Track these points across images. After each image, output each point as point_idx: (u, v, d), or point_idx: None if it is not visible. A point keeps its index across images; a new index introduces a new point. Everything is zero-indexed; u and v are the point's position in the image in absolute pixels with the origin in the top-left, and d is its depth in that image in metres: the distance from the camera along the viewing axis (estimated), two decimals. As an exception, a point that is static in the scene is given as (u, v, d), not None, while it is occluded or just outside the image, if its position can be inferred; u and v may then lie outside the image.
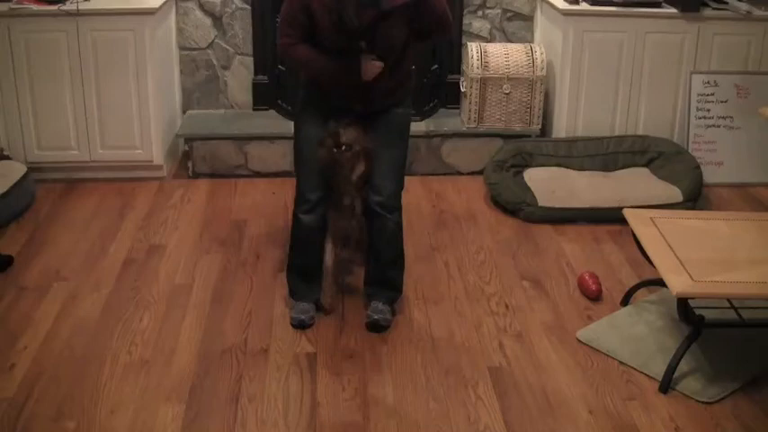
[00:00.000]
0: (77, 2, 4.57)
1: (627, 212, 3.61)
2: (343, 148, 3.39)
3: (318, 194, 3.47)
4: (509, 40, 5.34)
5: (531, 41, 5.34)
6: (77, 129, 4.77)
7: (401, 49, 3.40)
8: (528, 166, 4.83)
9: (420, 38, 3.45)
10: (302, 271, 3.59)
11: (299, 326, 3.50)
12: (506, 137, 5.03)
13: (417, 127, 4.89)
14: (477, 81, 4.97)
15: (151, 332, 3.47)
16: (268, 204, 4.66)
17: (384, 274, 3.57)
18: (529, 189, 4.56)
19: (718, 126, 5.02)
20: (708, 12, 4.92)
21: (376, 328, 3.48)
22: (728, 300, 3.30)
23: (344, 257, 3.72)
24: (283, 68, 5.08)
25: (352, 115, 3.48)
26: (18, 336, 3.42)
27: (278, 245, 4.11)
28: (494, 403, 3.08)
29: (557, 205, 4.49)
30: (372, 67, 3.34)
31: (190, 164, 5.01)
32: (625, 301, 3.71)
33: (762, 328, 3.38)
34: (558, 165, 4.86)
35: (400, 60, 3.44)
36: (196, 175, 5.00)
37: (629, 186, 4.65)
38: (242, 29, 5.20)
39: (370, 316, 3.50)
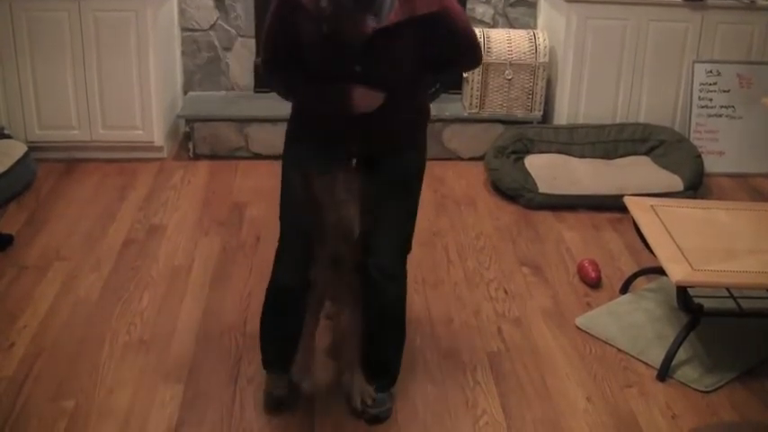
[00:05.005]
0: (80, -19, 4.56)
1: (627, 200, 3.62)
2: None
3: (301, 251, 2.83)
4: (512, 26, 5.32)
5: (534, 27, 5.33)
6: (78, 108, 4.76)
7: (408, 78, 2.72)
8: (529, 152, 4.83)
9: (443, 68, 2.84)
10: (278, 338, 2.95)
11: (277, 405, 2.92)
12: (508, 123, 5.03)
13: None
14: (480, 66, 4.95)
15: (150, 312, 3.47)
16: (268, 187, 4.64)
17: (377, 353, 2.94)
18: (529, 175, 4.56)
19: (720, 115, 5.02)
20: (712, 0, 4.91)
21: (376, 421, 2.89)
22: (727, 289, 3.31)
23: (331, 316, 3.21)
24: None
25: (347, 157, 2.84)
26: (18, 315, 3.42)
27: (278, 227, 4.10)
28: (492, 388, 3.08)
29: (557, 192, 4.48)
30: (368, 96, 2.64)
31: (190, 145, 5.00)
32: (624, 288, 3.71)
33: (760, 318, 3.38)
34: (559, 152, 4.86)
35: (409, 93, 2.75)
36: (197, 157, 4.99)
37: (630, 174, 4.65)
38: (244, 10, 5.18)
39: (365, 408, 2.89)
